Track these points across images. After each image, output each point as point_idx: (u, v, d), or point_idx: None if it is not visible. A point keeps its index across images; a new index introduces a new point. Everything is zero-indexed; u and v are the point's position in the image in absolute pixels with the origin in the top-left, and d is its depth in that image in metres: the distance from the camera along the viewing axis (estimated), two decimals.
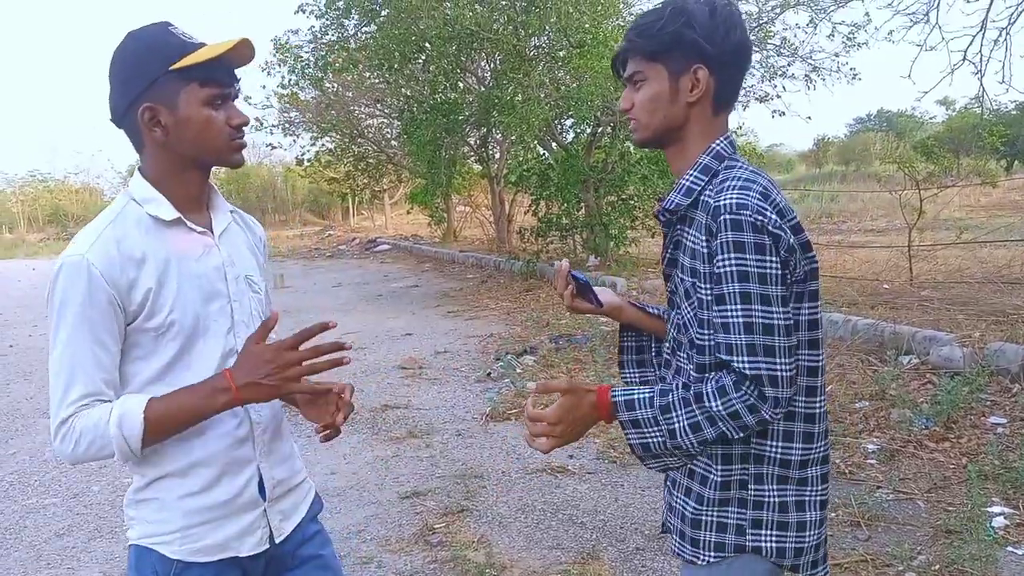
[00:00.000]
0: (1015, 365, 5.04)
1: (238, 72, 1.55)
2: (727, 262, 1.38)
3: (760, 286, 1.37)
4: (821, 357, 1.50)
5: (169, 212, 1.51)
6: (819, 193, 19.27)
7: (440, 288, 13.31)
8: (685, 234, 1.51)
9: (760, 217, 1.38)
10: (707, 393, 1.40)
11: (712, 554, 1.51)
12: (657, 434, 1.45)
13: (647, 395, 1.46)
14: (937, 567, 3.24)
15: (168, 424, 1.44)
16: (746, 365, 1.37)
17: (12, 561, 3.78)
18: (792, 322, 1.41)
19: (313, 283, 15.17)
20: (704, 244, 1.44)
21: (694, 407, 1.41)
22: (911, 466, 4.32)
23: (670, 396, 1.44)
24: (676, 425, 1.42)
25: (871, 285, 8.50)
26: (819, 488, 1.51)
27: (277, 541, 1.63)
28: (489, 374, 6.90)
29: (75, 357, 1.42)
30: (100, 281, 1.41)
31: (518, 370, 6.93)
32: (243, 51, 1.49)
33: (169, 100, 1.45)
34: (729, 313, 1.39)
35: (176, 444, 1.50)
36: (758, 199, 1.40)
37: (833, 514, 3.80)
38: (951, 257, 9.78)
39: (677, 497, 1.58)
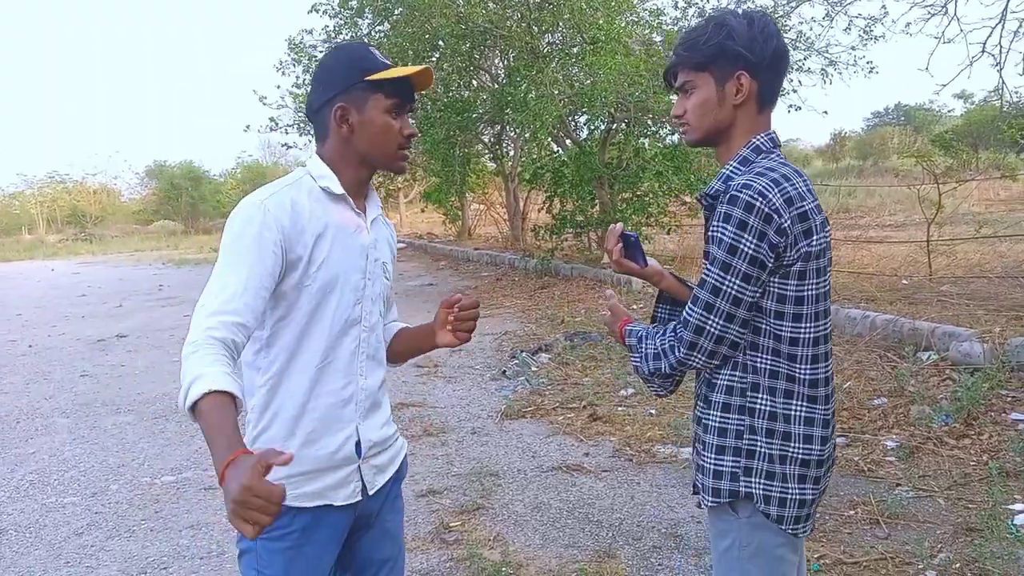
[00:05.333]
0: None
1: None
2: (715, 229, 1.62)
3: (726, 255, 1.60)
4: (804, 329, 1.65)
5: (338, 187, 1.75)
6: (836, 188, 19.12)
7: (455, 286, 13.32)
8: None
9: (758, 199, 1.57)
10: (662, 331, 1.74)
11: (710, 498, 1.72)
12: (637, 358, 1.80)
13: (640, 328, 1.83)
14: (958, 565, 3.20)
15: (200, 423, 1.46)
16: (687, 310, 1.67)
17: (32, 559, 3.81)
18: (745, 296, 1.61)
19: None
20: None
21: (651, 341, 1.76)
22: (931, 463, 4.28)
23: (649, 330, 1.79)
24: (643, 353, 1.77)
25: (889, 280, 8.42)
26: (800, 446, 1.68)
27: (371, 493, 1.81)
28: (504, 372, 6.90)
29: (231, 274, 1.58)
30: (271, 223, 1.63)
31: (533, 368, 6.93)
32: (425, 76, 1.75)
33: (359, 104, 1.71)
34: (703, 269, 1.65)
35: (288, 394, 1.70)
36: (766, 184, 1.59)
37: (852, 512, 3.77)
38: (970, 252, 9.68)
39: (699, 447, 1.78)
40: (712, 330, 1.63)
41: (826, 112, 34.73)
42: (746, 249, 1.58)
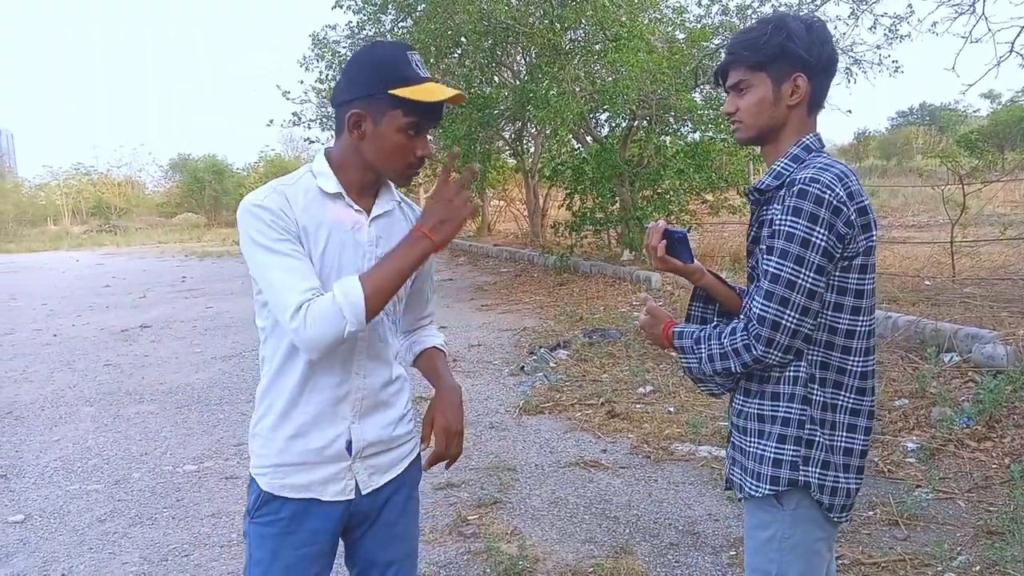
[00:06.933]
0: None
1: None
2: (783, 222, 1.63)
3: (800, 248, 1.61)
4: (861, 323, 1.72)
5: (332, 187, 1.71)
6: None
7: (474, 282, 13.35)
8: (771, 212, 1.70)
9: (827, 191, 1.61)
10: (727, 331, 1.72)
11: (768, 487, 1.73)
12: (694, 360, 1.79)
13: (692, 329, 1.83)
14: (978, 568, 3.18)
15: (382, 281, 1.61)
16: (759, 306, 1.65)
17: (56, 544, 3.87)
18: (819, 288, 1.64)
19: None
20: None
21: (715, 341, 1.74)
22: (952, 465, 4.24)
23: (705, 331, 1.78)
24: (703, 354, 1.76)
25: (912, 281, 8.35)
26: (844, 435, 1.73)
27: (364, 492, 1.79)
28: (523, 368, 6.91)
29: (282, 264, 1.60)
30: (279, 214, 1.63)
31: (551, 364, 6.93)
32: (455, 100, 1.68)
33: (376, 115, 1.64)
34: (768, 263, 1.65)
35: (282, 387, 1.72)
36: (832, 178, 1.63)
37: (871, 512, 3.75)
38: (995, 253, 9.58)
39: (743, 440, 1.81)
40: (789, 324, 1.64)
41: (850, 111, 34.47)
42: (819, 241, 1.61)
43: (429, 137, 1.76)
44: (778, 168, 1.74)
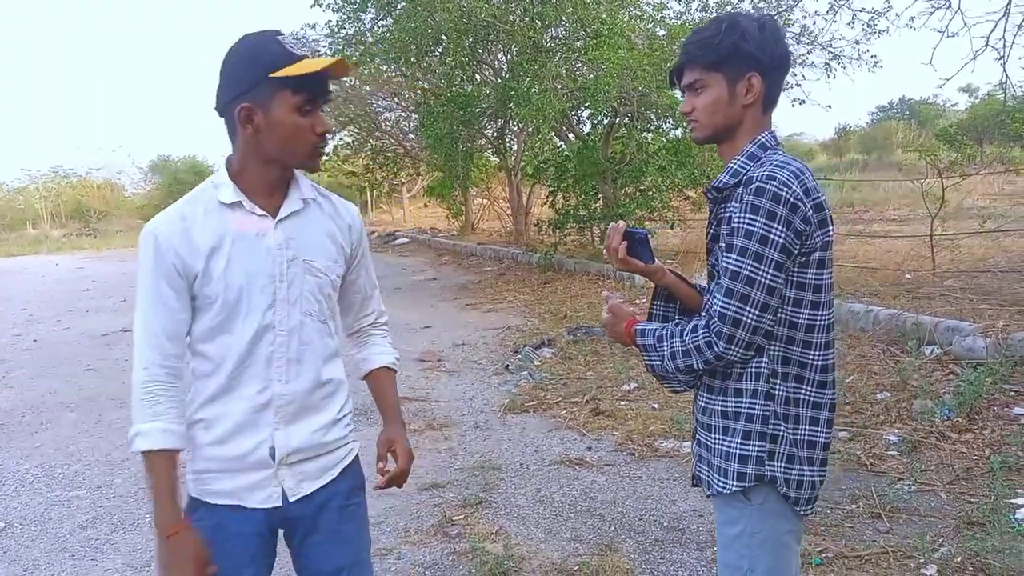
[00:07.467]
0: None
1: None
2: (742, 220, 1.65)
3: (759, 246, 1.63)
4: (820, 317, 1.72)
5: (229, 196, 1.68)
6: (840, 183, 19.06)
7: (458, 281, 13.33)
8: (729, 209, 1.71)
9: (784, 189, 1.62)
10: (689, 328, 1.74)
11: (735, 483, 1.74)
12: (656, 357, 1.80)
13: (654, 327, 1.84)
14: (959, 559, 3.20)
15: (145, 473, 1.65)
16: (719, 303, 1.67)
17: (38, 552, 3.84)
18: (778, 284, 1.65)
19: None
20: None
21: (677, 339, 1.75)
22: (933, 457, 4.28)
23: (667, 329, 1.80)
24: (665, 352, 1.77)
25: (893, 275, 8.41)
26: (808, 428, 1.75)
27: (291, 499, 1.76)
28: (507, 366, 6.91)
29: (145, 309, 1.66)
30: (165, 249, 1.63)
31: (536, 362, 6.94)
32: (338, 68, 1.64)
33: (264, 103, 1.61)
34: (728, 260, 1.67)
35: (206, 395, 1.72)
36: (788, 176, 1.65)
37: (854, 505, 3.78)
38: (974, 246, 9.66)
39: (708, 436, 1.83)
40: (749, 321, 1.65)
41: (830, 106, 34.31)
42: (777, 238, 1.62)
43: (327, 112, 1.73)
44: (735, 166, 1.75)
